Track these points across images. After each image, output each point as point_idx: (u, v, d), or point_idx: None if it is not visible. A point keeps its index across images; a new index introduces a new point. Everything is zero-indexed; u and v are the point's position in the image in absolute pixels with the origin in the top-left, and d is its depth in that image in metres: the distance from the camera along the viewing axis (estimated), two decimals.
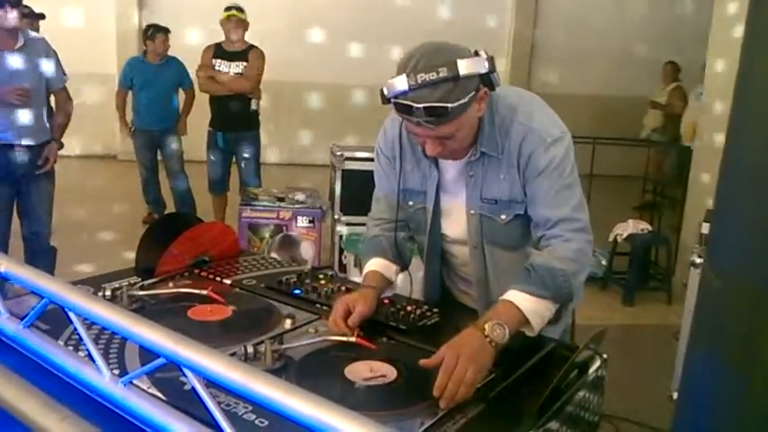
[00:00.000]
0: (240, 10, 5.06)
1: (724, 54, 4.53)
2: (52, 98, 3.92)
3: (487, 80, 1.43)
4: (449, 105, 1.36)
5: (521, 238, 1.63)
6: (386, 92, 1.41)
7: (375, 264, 1.72)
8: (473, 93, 1.41)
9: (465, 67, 1.36)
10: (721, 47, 4.59)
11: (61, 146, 3.86)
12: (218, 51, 5.12)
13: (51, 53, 3.73)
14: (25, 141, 3.59)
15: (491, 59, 1.42)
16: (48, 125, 3.74)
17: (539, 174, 1.54)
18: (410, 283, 1.83)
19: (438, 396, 1.22)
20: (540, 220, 1.56)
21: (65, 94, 3.85)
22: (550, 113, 1.61)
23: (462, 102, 1.38)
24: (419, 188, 1.71)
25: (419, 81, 1.34)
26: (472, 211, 1.65)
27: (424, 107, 1.36)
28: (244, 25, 5.06)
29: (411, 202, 1.74)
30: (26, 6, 4.39)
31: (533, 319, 1.43)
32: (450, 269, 1.86)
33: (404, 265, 1.79)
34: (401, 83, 1.36)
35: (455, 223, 1.71)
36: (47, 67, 3.67)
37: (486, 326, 1.34)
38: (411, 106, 1.37)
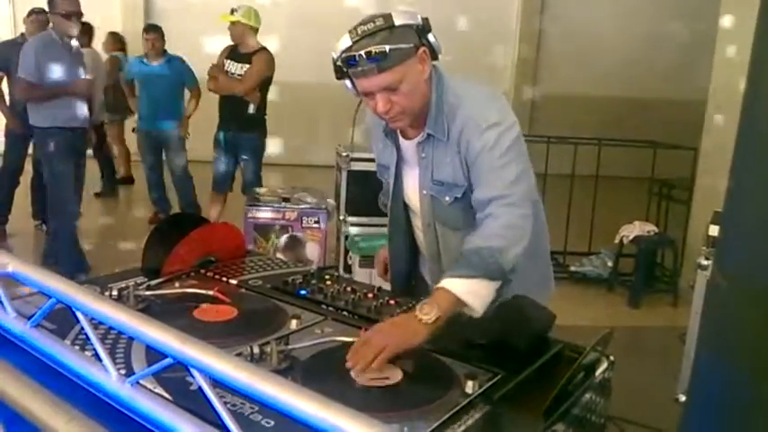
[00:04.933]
0: (235, 12, 5.00)
1: (732, 53, 4.52)
2: None
3: (426, 42, 1.58)
4: (386, 47, 1.50)
5: (464, 219, 1.74)
6: (334, 55, 1.56)
7: None
8: (411, 45, 1.55)
9: (399, 17, 1.52)
10: (727, 45, 4.58)
11: None
12: (231, 52, 5.14)
13: None
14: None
15: (426, 20, 1.58)
16: None
17: (475, 157, 1.64)
18: None
19: (351, 364, 1.28)
20: (477, 203, 1.65)
21: None
22: (495, 103, 1.71)
23: (401, 47, 1.52)
24: (386, 163, 1.90)
25: (359, 32, 1.51)
26: (424, 191, 1.78)
27: (365, 52, 1.50)
28: (241, 28, 5.02)
29: (386, 175, 1.93)
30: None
31: (469, 299, 1.48)
32: (415, 243, 1.99)
33: None
34: (345, 41, 1.53)
35: (412, 200, 1.86)
36: None
37: (417, 306, 1.42)
38: (354, 55, 1.51)
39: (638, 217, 5.11)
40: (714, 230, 2.99)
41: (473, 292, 1.48)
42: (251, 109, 5.09)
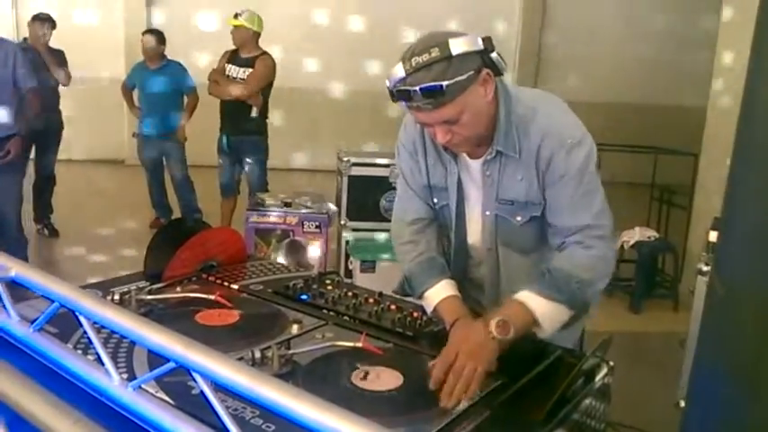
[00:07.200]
0: (239, 16, 5.04)
1: (732, 58, 4.53)
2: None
3: (489, 61, 1.43)
4: (443, 83, 1.37)
5: (536, 241, 1.63)
6: (388, 84, 1.44)
7: (448, 286, 1.61)
8: (471, 72, 1.41)
9: (456, 45, 1.37)
10: (727, 52, 4.59)
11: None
12: (232, 57, 5.17)
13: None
14: None
15: (487, 40, 1.42)
16: None
17: (559, 179, 1.53)
18: None
19: (435, 389, 1.20)
20: (562, 228, 1.55)
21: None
22: (572, 116, 1.60)
23: (459, 80, 1.38)
24: (442, 184, 1.69)
25: (414, 64, 1.37)
26: (487, 212, 1.64)
27: (420, 89, 1.37)
28: (244, 32, 5.05)
29: (436, 200, 1.71)
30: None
31: (544, 321, 1.42)
32: (464, 271, 1.83)
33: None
34: (399, 70, 1.40)
35: (472, 223, 1.70)
36: None
37: (492, 322, 1.34)
38: (408, 90, 1.39)
39: (638, 222, 5.11)
40: (714, 236, 2.99)
41: (549, 315, 1.41)
42: (253, 112, 5.11)
